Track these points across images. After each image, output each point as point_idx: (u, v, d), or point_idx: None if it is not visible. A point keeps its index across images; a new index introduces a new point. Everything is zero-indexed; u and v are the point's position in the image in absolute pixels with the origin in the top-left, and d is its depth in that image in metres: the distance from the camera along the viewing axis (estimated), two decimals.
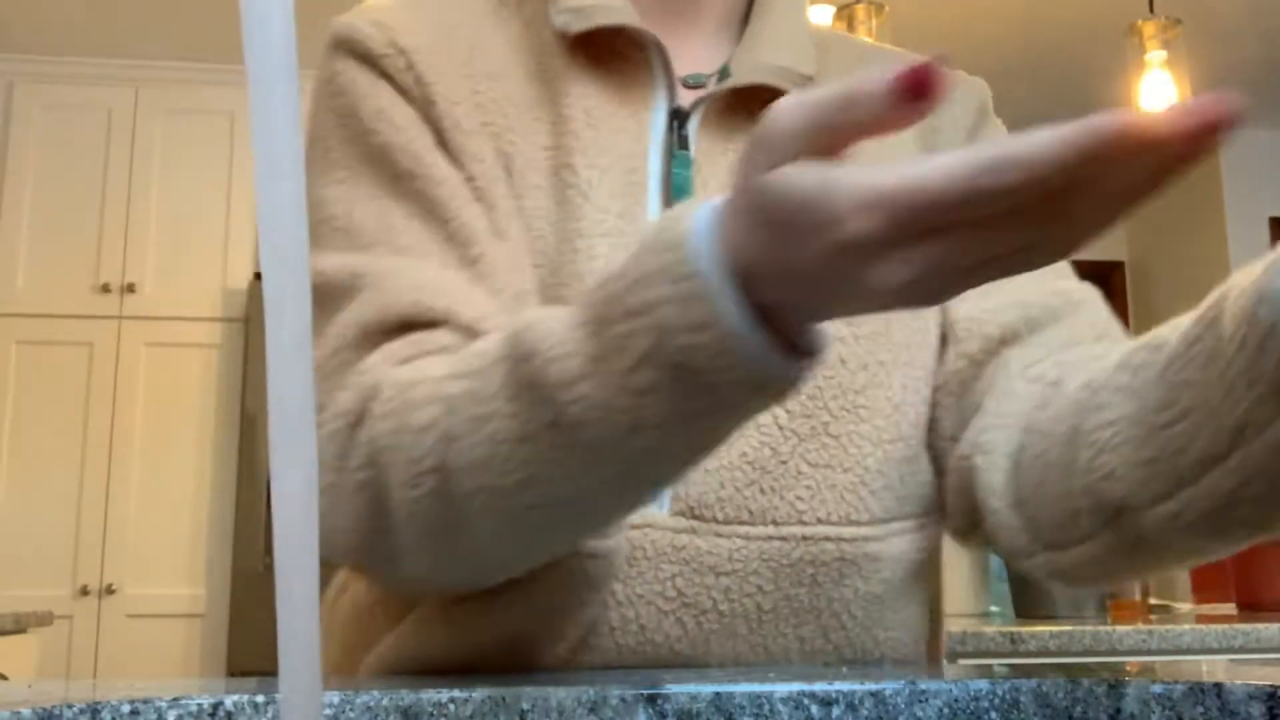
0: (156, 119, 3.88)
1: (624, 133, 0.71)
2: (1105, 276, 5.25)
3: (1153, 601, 2.65)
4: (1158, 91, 2.98)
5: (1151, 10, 3.11)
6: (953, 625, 2.01)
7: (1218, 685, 0.50)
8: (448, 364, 0.58)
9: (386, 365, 0.62)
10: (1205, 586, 2.74)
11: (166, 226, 3.82)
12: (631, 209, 0.69)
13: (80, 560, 3.64)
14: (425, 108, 0.70)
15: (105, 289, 3.75)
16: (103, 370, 3.73)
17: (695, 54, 0.77)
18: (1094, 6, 3.64)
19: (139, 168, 3.84)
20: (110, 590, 3.62)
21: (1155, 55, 2.99)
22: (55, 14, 3.61)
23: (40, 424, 3.68)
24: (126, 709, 0.46)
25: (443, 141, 0.69)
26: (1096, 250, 5.24)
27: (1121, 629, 1.96)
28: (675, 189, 0.70)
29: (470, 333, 0.63)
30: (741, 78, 0.72)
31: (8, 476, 3.66)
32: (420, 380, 0.58)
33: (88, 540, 3.65)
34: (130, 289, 3.76)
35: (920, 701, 0.51)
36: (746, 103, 0.72)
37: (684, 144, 0.71)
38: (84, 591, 3.62)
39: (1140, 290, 5.18)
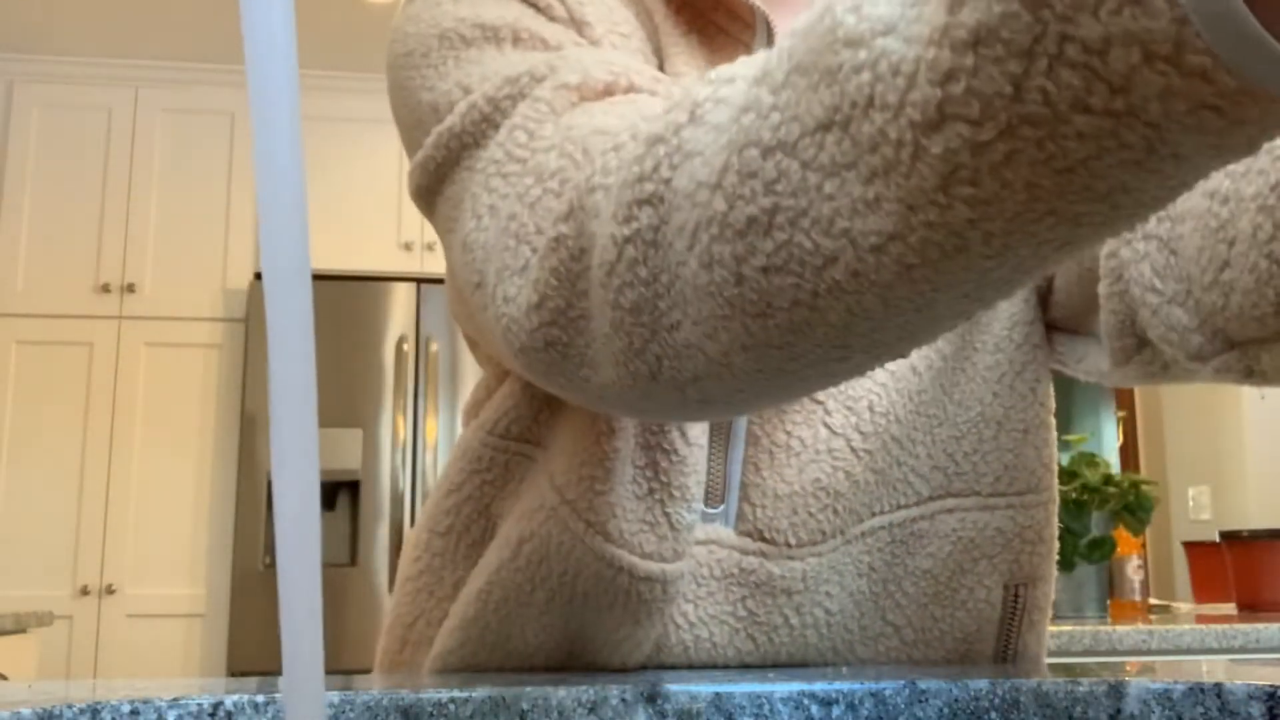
0: (156, 119, 3.88)
1: None
2: None
3: (1153, 601, 2.65)
4: None
5: None
6: None
7: (1218, 685, 0.50)
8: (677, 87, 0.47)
9: (602, 115, 0.51)
10: (1205, 586, 2.73)
11: (166, 226, 3.82)
12: None
13: (80, 560, 3.64)
14: (579, 28, 0.63)
15: (105, 289, 3.75)
16: (103, 370, 3.73)
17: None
18: None
19: (139, 168, 3.84)
20: (110, 590, 3.62)
21: None
22: (55, 14, 3.61)
23: (40, 424, 3.68)
24: (126, 709, 0.46)
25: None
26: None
27: (1121, 629, 1.96)
28: None
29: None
30: None
31: (8, 476, 3.66)
32: (656, 113, 0.45)
33: (88, 540, 3.65)
34: (130, 289, 3.76)
35: (920, 701, 0.50)
36: None
37: None
38: (84, 591, 3.61)
39: None
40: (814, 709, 0.50)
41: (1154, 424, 5.07)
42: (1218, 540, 2.45)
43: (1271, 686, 0.49)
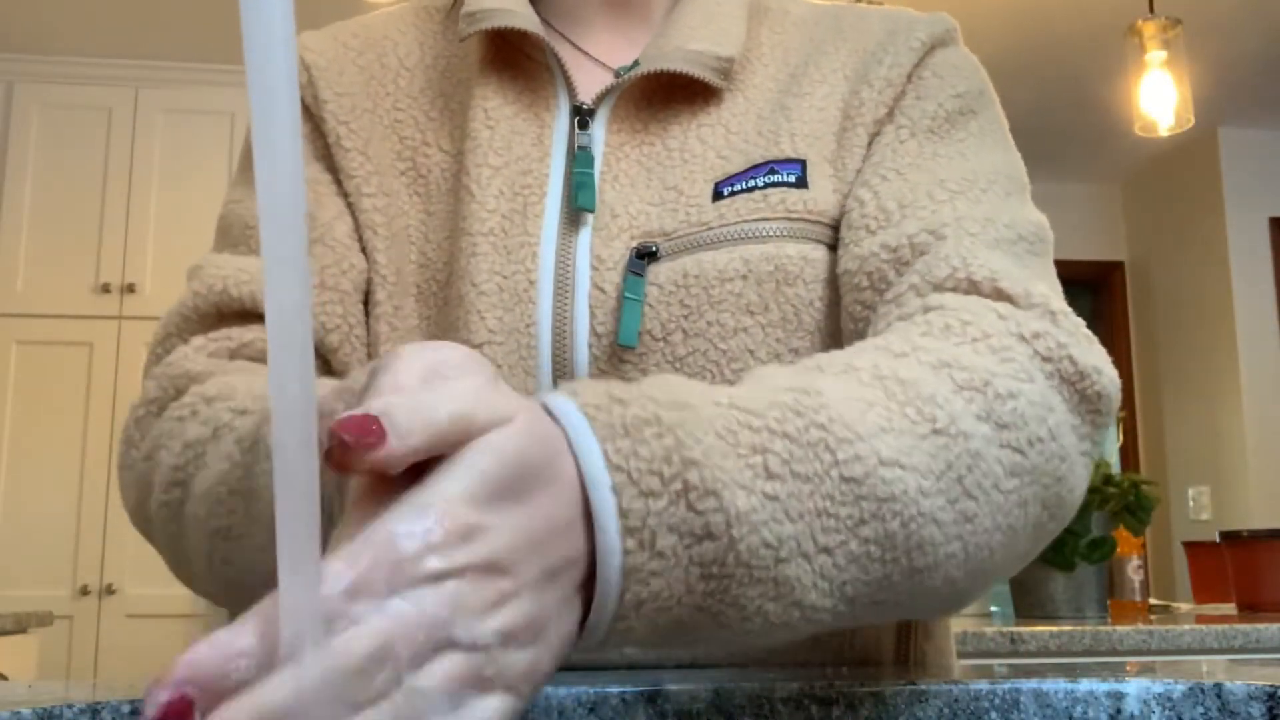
0: (156, 119, 3.88)
1: (522, 135, 0.71)
2: (1105, 276, 5.25)
3: (1153, 601, 2.65)
4: (1158, 91, 2.98)
5: (1151, 10, 3.11)
6: (953, 625, 2.01)
7: (1218, 685, 0.50)
8: (241, 387, 0.61)
9: (195, 360, 0.66)
10: (1205, 586, 2.74)
11: (166, 226, 3.82)
12: (522, 210, 0.69)
13: (80, 560, 3.64)
14: (319, 123, 0.75)
15: (105, 289, 3.75)
16: (103, 370, 3.73)
17: (641, 46, 0.75)
18: (1094, 6, 3.64)
19: (139, 168, 3.84)
20: (110, 590, 3.62)
21: (1155, 55, 2.98)
22: (55, 14, 3.61)
23: (40, 424, 3.68)
24: (126, 709, 0.46)
25: (327, 155, 0.74)
26: (1097, 250, 5.24)
27: (1121, 629, 1.96)
28: (576, 188, 0.68)
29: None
30: (646, 66, 0.70)
31: (8, 476, 3.66)
32: (215, 397, 0.61)
33: (88, 540, 3.65)
34: (130, 289, 3.76)
35: (920, 701, 0.50)
36: (665, 90, 0.71)
37: (589, 142, 0.70)
38: (84, 591, 3.61)
39: (1140, 290, 5.18)
40: (814, 709, 0.50)
41: (1154, 424, 5.08)
42: (1218, 540, 2.45)
43: (1271, 686, 0.50)
